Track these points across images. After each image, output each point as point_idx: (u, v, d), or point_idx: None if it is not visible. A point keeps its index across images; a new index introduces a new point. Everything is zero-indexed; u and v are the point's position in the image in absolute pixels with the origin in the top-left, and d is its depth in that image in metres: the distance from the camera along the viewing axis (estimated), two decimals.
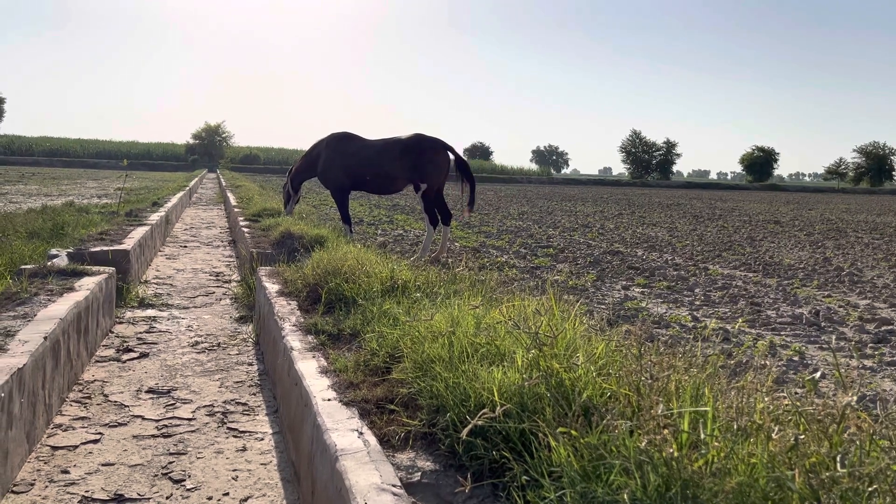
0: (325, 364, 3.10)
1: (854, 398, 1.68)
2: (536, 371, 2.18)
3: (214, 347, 4.73)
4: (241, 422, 3.41)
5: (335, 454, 2.12)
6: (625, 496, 1.49)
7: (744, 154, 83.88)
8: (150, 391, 3.78)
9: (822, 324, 5.34)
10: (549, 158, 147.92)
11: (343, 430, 2.31)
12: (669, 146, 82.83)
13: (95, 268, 5.24)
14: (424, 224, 7.89)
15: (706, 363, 2.21)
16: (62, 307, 3.87)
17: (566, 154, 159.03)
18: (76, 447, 3.03)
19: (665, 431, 1.59)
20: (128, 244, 6.68)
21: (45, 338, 3.26)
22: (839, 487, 1.44)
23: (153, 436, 3.19)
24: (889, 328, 5.20)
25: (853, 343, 4.75)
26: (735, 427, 1.66)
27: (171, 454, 3.00)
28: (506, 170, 70.04)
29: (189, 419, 3.41)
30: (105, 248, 6.23)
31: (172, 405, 3.59)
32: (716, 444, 1.58)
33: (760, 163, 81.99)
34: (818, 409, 1.70)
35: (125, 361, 4.32)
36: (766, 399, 1.82)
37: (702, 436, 1.63)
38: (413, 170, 7.52)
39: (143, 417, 3.40)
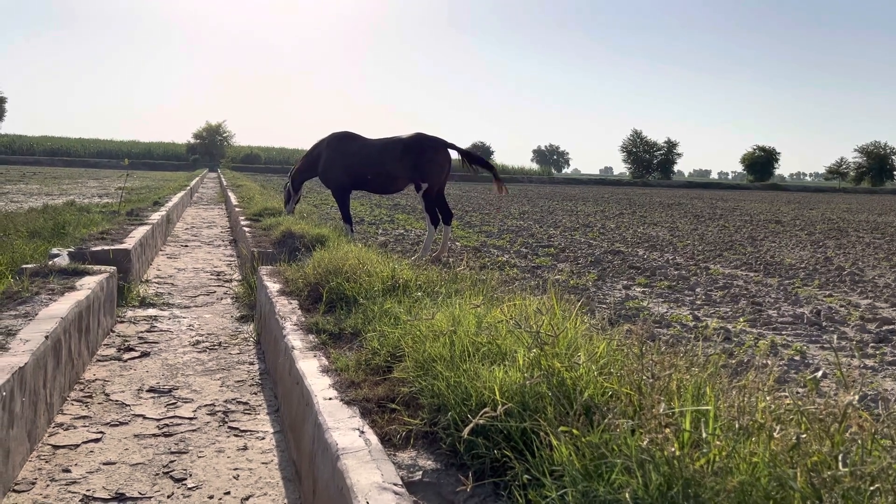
0: (327, 363, 3.10)
1: (856, 397, 1.67)
2: (538, 370, 2.18)
3: (215, 347, 4.73)
4: (243, 421, 3.41)
5: (336, 453, 2.12)
6: (626, 495, 1.49)
7: (745, 154, 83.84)
8: (152, 390, 3.79)
9: (824, 323, 5.34)
10: (550, 158, 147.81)
11: (344, 429, 2.31)
12: (670, 146, 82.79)
13: (96, 267, 5.24)
14: (425, 223, 7.89)
15: (707, 362, 2.21)
16: (63, 306, 3.87)
17: (567, 154, 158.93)
18: (77, 446, 3.03)
19: (667, 430, 1.59)
20: (129, 243, 6.68)
21: (47, 337, 3.26)
22: (841, 486, 1.44)
23: (154, 435, 3.19)
24: (890, 328, 5.20)
25: (854, 343, 4.75)
26: (737, 426, 1.66)
27: (173, 453, 3.00)
28: (506, 169, 70.00)
29: (190, 418, 3.41)
30: (106, 248, 6.23)
31: (173, 404, 3.59)
32: (717, 443, 1.58)
33: (761, 162, 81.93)
34: (820, 409, 1.70)
35: (126, 360, 4.33)
36: (768, 398, 1.82)
37: (703, 435, 1.62)
38: (414, 169, 7.52)
39: (145, 416, 3.40)
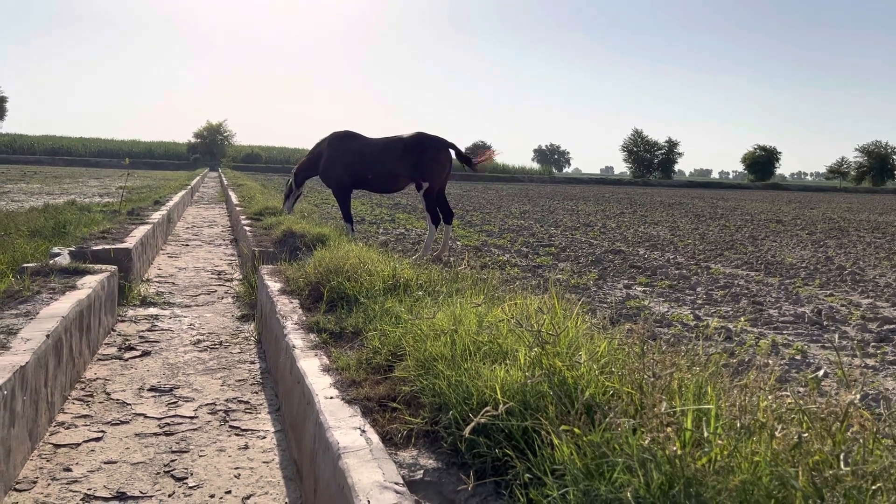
0: (328, 362, 3.10)
1: (857, 396, 1.67)
2: (539, 369, 2.18)
3: (216, 346, 4.73)
4: (244, 420, 3.41)
5: (337, 452, 2.12)
6: (628, 494, 1.49)
7: (746, 153, 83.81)
8: (153, 389, 3.79)
9: (825, 323, 5.33)
10: (551, 157, 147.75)
11: (345, 428, 2.31)
12: (671, 145, 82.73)
13: (97, 266, 5.25)
14: (426, 223, 7.89)
15: (709, 362, 2.21)
16: (64, 305, 3.87)
17: (568, 153, 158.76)
18: (78, 445, 3.04)
19: (668, 429, 1.59)
20: (130, 243, 6.68)
21: (48, 336, 3.26)
22: (842, 486, 1.44)
23: (155, 434, 3.19)
24: (891, 327, 5.20)
25: (855, 342, 4.75)
26: (738, 425, 1.65)
27: (174, 452, 3.00)
28: (507, 169, 69.98)
29: (191, 417, 3.41)
30: (107, 247, 6.23)
31: (174, 403, 3.59)
32: (719, 443, 1.58)
33: (762, 162, 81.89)
34: (821, 408, 1.70)
35: (127, 359, 4.33)
36: (769, 397, 1.82)
37: (705, 434, 1.62)
38: (415, 168, 7.52)
39: (146, 415, 3.41)
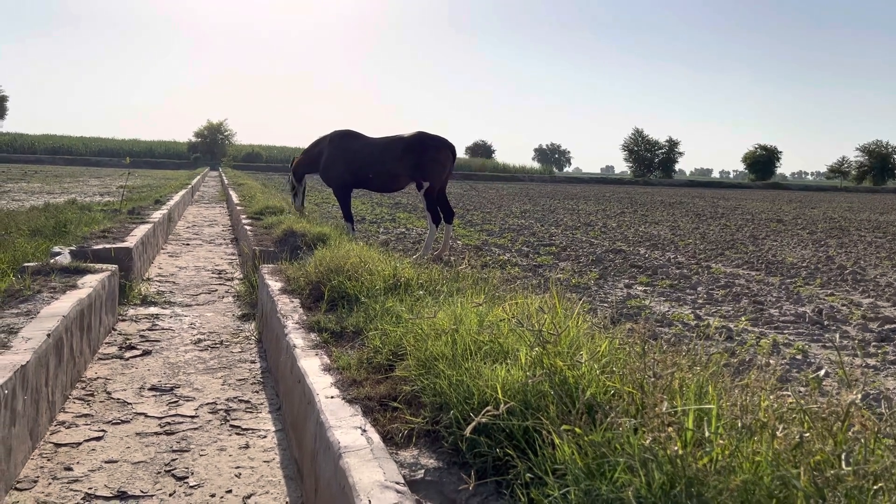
0: (328, 362, 3.10)
1: (858, 396, 1.67)
2: (540, 369, 2.18)
3: (217, 345, 4.73)
4: (244, 419, 3.41)
5: (338, 451, 2.12)
6: (629, 494, 1.49)
7: (746, 153, 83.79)
8: (153, 389, 3.79)
9: (826, 322, 5.33)
10: (552, 157, 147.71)
11: (346, 428, 2.30)
12: (672, 145, 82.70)
13: (98, 265, 5.25)
14: (427, 222, 7.89)
15: (710, 361, 2.21)
16: (65, 304, 3.87)
17: (568, 152, 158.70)
18: (79, 444, 3.04)
19: (669, 429, 1.58)
20: (130, 242, 6.68)
21: (49, 335, 3.26)
22: (844, 486, 1.43)
23: (156, 433, 3.19)
24: (892, 327, 5.19)
25: (856, 342, 4.74)
26: (739, 425, 1.65)
27: (174, 451, 3.00)
28: (508, 168, 69.98)
29: (192, 416, 3.41)
30: (108, 246, 6.23)
31: (175, 403, 3.59)
32: (720, 442, 1.57)
33: (763, 161, 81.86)
34: (822, 408, 1.70)
35: (128, 359, 4.33)
36: (771, 397, 1.81)
37: (706, 434, 1.62)
38: (416, 168, 7.51)
39: (146, 415, 3.41)
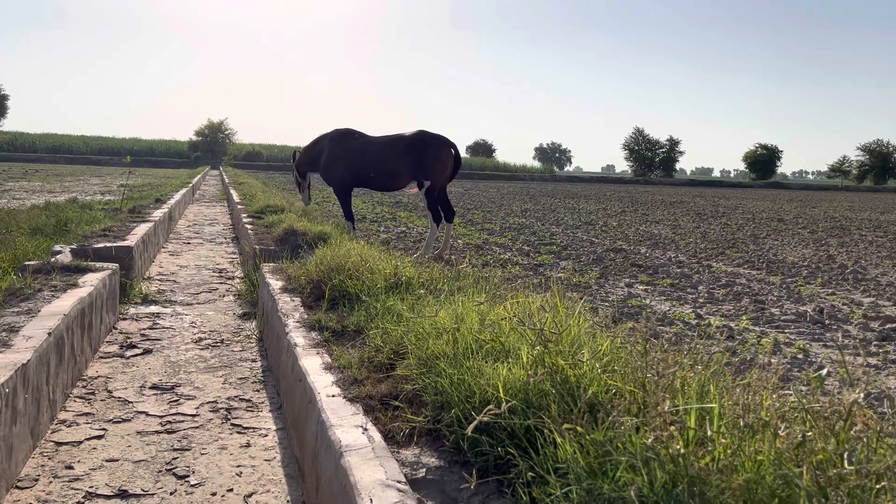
0: (329, 360, 3.10)
1: (861, 395, 1.67)
2: (541, 367, 2.17)
3: (218, 344, 4.73)
4: (245, 418, 3.41)
5: (340, 450, 2.12)
6: (631, 493, 1.48)
7: (747, 152, 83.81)
8: (154, 387, 3.79)
9: (827, 322, 5.33)
10: (552, 156, 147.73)
11: (347, 427, 2.30)
12: (672, 144, 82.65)
13: (99, 264, 5.25)
14: (428, 221, 7.88)
15: (711, 360, 2.20)
16: (66, 303, 3.87)
17: (569, 152, 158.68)
18: (80, 443, 3.04)
19: (671, 428, 1.58)
20: (131, 241, 6.68)
21: (49, 334, 3.26)
22: (846, 485, 1.43)
23: (157, 432, 3.19)
24: (893, 326, 5.19)
25: (858, 341, 4.74)
26: (741, 424, 1.65)
27: (175, 450, 3.00)
28: (508, 167, 69.98)
29: (193, 415, 3.41)
30: (108, 245, 6.23)
31: (176, 401, 3.59)
32: (722, 441, 1.57)
33: (764, 161, 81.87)
34: (825, 407, 1.69)
35: (129, 358, 4.33)
36: (773, 396, 1.81)
37: (708, 433, 1.62)
38: (417, 167, 7.51)
39: (147, 413, 3.41)
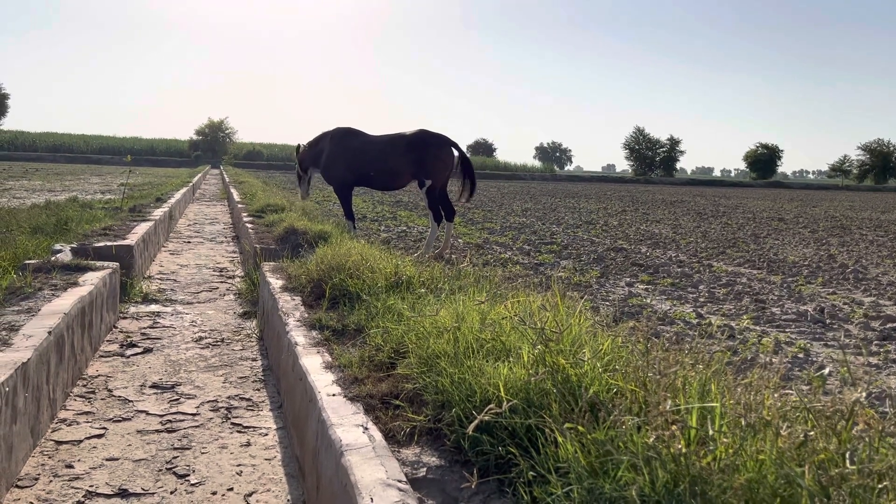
0: (330, 359, 3.10)
1: (863, 395, 1.66)
2: (542, 367, 2.17)
3: (218, 343, 4.72)
4: (246, 417, 3.41)
5: (340, 449, 2.12)
6: (633, 492, 1.48)
7: (748, 151, 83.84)
8: (154, 386, 3.78)
9: (827, 321, 5.32)
10: (553, 155, 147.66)
11: (348, 426, 2.30)
12: (673, 143, 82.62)
13: (99, 263, 5.24)
14: (428, 220, 7.88)
15: (712, 360, 2.20)
16: (66, 302, 3.87)
17: (570, 151, 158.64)
18: (80, 442, 3.03)
19: (673, 427, 1.58)
20: (131, 240, 6.68)
21: (50, 332, 3.26)
22: (849, 484, 1.43)
23: (157, 431, 3.19)
24: (894, 325, 5.18)
25: (859, 340, 4.73)
26: (743, 423, 1.65)
27: (176, 449, 3.00)
28: (509, 166, 69.93)
29: (193, 414, 3.41)
30: (109, 244, 6.23)
31: (176, 400, 3.58)
32: (724, 441, 1.57)
33: (764, 160, 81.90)
34: (826, 406, 1.69)
35: (129, 356, 4.32)
36: (774, 396, 1.81)
37: (710, 432, 1.62)
38: (418, 166, 7.50)
39: (148, 412, 3.40)
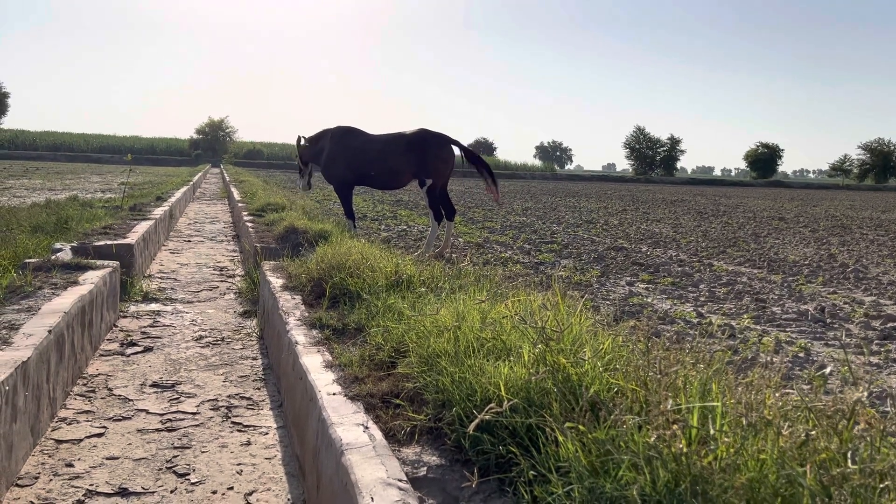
0: (330, 358, 3.09)
1: (864, 394, 1.66)
2: (543, 366, 2.17)
3: (218, 342, 4.72)
4: (246, 416, 3.41)
5: (340, 448, 2.11)
6: (634, 492, 1.48)
7: (748, 150, 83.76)
8: (155, 385, 3.78)
9: (828, 320, 5.32)
10: (553, 154, 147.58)
11: (348, 425, 2.30)
12: (673, 142, 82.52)
13: (99, 262, 5.24)
14: (429, 219, 7.87)
15: (713, 359, 2.20)
16: (66, 301, 3.87)
17: (570, 150, 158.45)
18: (80, 441, 3.03)
19: (674, 427, 1.57)
20: (132, 238, 6.68)
21: (50, 331, 3.26)
22: (850, 484, 1.42)
23: (157, 430, 3.19)
24: (895, 325, 5.18)
25: (860, 339, 4.73)
26: (744, 423, 1.64)
27: (176, 448, 3.00)
28: (509, 166, 69.86)
29: (193, 413, 3.40)
30: (109, 243, 6.23)
31: (177, 399, 3.58)
32: (725, 440, 1.56)
33: (765, 159, 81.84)
34: (828, 406, 1.69)
35: (129, 355, 4.32)
36: (775, 395, 1.80)
37: (711, 431, 1.61)
38: (418, 165, 7.49)
39: (148, 411, 3.40)
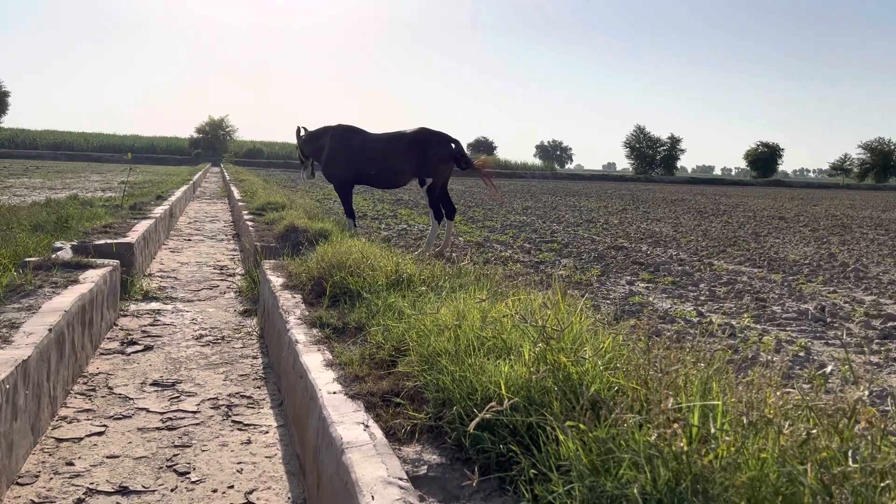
0: (331, 357, 3.09)
1: (865, 393, 1.66)
2: (543, 364, 2.17)
3: (219, 340, 4.72)
4: (246, 415, 3.41)
5: (341, 447, 2.11)
6: (634, 490, 1.48)
7: (748, 150, 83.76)
8: (155, 384, 3.78)
9: (828, 320, 5.32)
10: (553, 153, 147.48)
11: (349, 423, 2.30)
12: (674, 142, 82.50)
13: (100, 261, 5.24)
14: (429, 218, 7.87)
15: (713, 358, 2.20)
16: (67, 300, 3.87)
17: (570, 149, 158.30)
18: (81, 439, 3.03)
19: (675, 425, 1.57)
20: (132, 237, 6.68)
21: (50, 330, 3.26)
22: (851, 483, 1.42)
23: (158, 428, 3.19)
24: (895, 324, 5.18)
25: (860, 338, 4.73)
26: (745, 421, 1.64)
27: (176, 447, 3.00)
28: (510, 165, 69.81)
29: (194, 412, 3.40)
30: (109, 241, 6.23)
31: (177, 398, 3.58)
32: (726, 439, 1.56)
33: (765, 159, 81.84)
34: (828, 404, 1.69)
35: (130, 354, 4.32)
36: (776, 394, 1.80)
37: (711, 430, 1.61)
38: (419, 164, 7.49)
39: (148, 410, 3.40)
